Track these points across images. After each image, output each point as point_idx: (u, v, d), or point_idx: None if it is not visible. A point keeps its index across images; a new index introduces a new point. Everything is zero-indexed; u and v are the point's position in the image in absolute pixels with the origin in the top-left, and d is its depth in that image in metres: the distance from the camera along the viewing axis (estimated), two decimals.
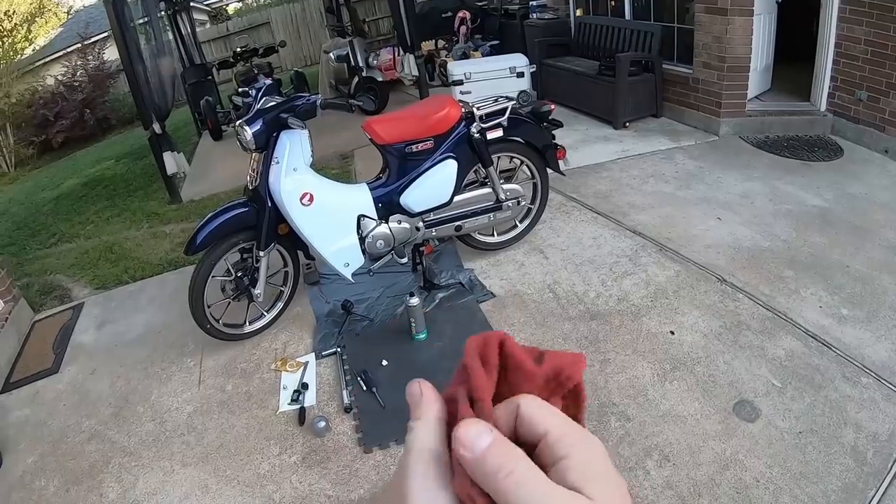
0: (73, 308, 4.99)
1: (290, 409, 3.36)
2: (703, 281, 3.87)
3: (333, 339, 3.82)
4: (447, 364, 3.47)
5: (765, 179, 5.12)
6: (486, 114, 3.92)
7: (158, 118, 6.51)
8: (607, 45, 7.31)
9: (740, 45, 5.84)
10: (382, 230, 3.81)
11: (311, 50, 16.48)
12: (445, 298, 4.05)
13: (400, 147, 3.81)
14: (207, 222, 3.57)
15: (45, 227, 7.22)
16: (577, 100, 7.27)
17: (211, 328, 3.79)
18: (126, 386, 3.88)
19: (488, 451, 0.35)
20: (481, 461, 0.35)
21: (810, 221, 4.39)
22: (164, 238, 5.98)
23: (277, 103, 3.55)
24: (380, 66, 9.21)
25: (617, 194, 5.16)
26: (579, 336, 3.53)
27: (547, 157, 4.24)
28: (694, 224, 4.55)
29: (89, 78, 13.61)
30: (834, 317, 3.42)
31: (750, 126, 6.13)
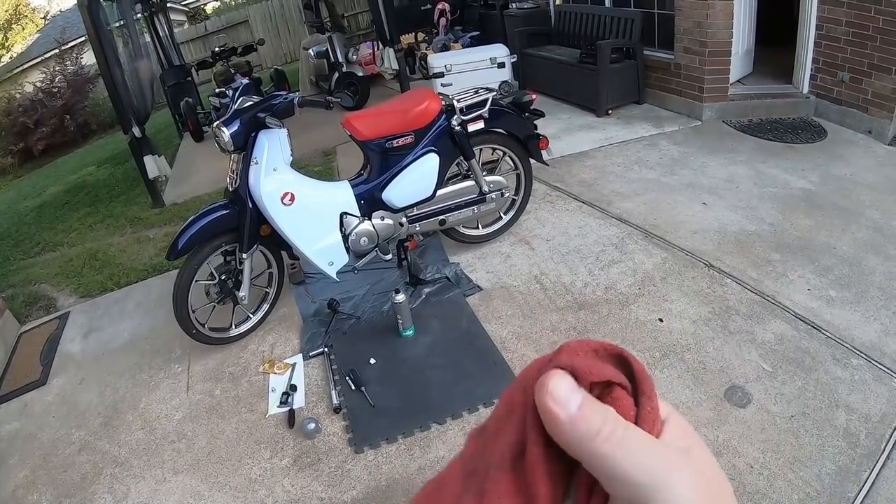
0: (58, 318, 4.95)
1: (279, 412, 3.32)
2: (691, 267, 3.86)
3: (320, 339, 3.79)
4: (436, 360, 3.46)
5: (749, 163, 5.11)
6: (467, 106, 3.89)
7: (138, 122, 6.46)
8: (588, 32, 7.29)
9: (721, 30, 5.83)
10: (366, 227, 3.78)
11: (290, 47, 16.42)
12: (432, 293, 4.03)
13: (380, 143, 3.78)
14: (188, 226, 3.53)
15: (28, 236, 7.17)
16: (560, 89, 7.25)
17: (197, 333, 3.76)
18: (114, 395, 3.84)
19: (581, 411, 0.33)
20: (575, 422, 0.33)
21: (796, 204, 4.38)
22: (148, 243, 5.94)
23: (254, 103, 3.52)
24: (360, 61, 9.17)
25: (601, 182, 5.14)
26: (567, 327, 3.51)
27: (529, 148, 4.22)
28: (679, 210, 4.53)
29: (68, 83, 13.52)
30: (822, 299, 3.41)
31: (733, 110, 6.12)
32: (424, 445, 2.94)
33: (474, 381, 3.23)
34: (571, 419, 0.33)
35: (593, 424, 0.33)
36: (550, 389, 0.34)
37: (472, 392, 3.16)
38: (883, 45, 4.96)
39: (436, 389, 3.24)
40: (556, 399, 0.34)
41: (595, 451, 0.32)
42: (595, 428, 0.33)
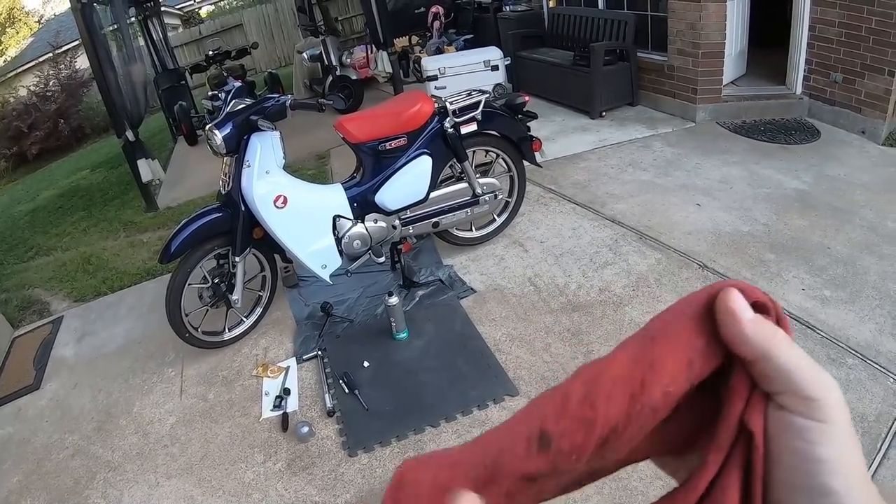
0: (52, 322, 4.93)
1: (272, 416, 3.31)
2: (685, 268, 3.86)
3: (314, 343, 3.78)
4: (429, 362, 3.45)
5: (743, 164, 5.12)
6: (460, 108, 3.89)
7: (131, 125, 6.44)
8: (581, 35, 7.29)
9: (714, 31, 5.84)
10: (359, 230, 3.77)
11: (284, 50, 16.38)
12: (425, 296, 4.02)
13: (373, 145, 3.78)
14: (181, 230, 3.52)
15: (22, 240, 7.15)
16: (553, 91, 7.25)
17: (190, 337, 3.75)
18: (108, 399, 3.83)
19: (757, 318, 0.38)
20: (758, 323, 0.37)
21: (790, 204, 4.39)
22: (142, 247, 5.92)
23: (247, 106, 3.51)
24: (353, 64, 9.17)
25: (595, 184, 5.14)
26: (562, 328, 3.51)
27: (523, 150, 4.22)
28: (673, 211, 4.54)
29: (62, 87, 13.48)
30: (817, 299, 3.41)
31: (726, 111, 6.13)
32: (418, 448, 2.93)
33: (468, 384, 3.23)
34: (754, 321, 0.37)
35: (770, 327, 0.38)
36: (734, 298, 0.38)
37: (465, 394, 3.16)
38: (875, 45, 4.97)
39: (429, 392, 3.24)
40: (739, 306, 0.38)
41: (773, 347, 0.37)
42: (771, 329, 0.37)
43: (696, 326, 0.39)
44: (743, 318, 0.37)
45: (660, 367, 0.38)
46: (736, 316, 0.37)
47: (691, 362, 0.38)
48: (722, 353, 0.39)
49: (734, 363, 0.39)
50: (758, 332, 0.37)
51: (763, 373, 0.37)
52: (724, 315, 0.38)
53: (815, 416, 0.35)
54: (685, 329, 0.39)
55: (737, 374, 0.38)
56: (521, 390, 3.13)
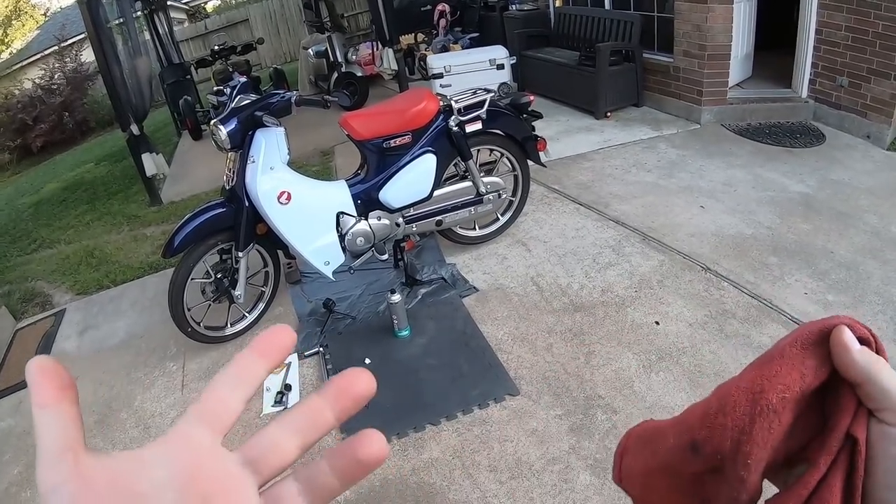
0: (54, 315, 4.94)
1: (273, 411, 3.31)
2: (688, 270, 3.85)
3: (316, 339, 3.78)
4: (431, 360, 3.45)
5: (747, 167, 5.11)
6: (465, 106, 3.89)
7: (136, 119, 6.45)
8: (587, 35, 7.28)
9: (720, 33, 5.83)
10: (362, 227, 3.77)
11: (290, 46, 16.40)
12: (428, 294, 4.02)
13: (377, 142, 3.78)
14: (184, 224, 3.52)
15: (25, 233, 7.15)
16: (558, 91, 7.24)
17: (192, 331, 3.75)
18: (109, 392, 3.83)
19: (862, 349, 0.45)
20: (864, 353, 0.45)
21: (794, 208, 4.38)
22: (145, 241, 5.92)
23: (252, 101, 3.51)
24: (359, 60, 9.16)
25: (599, 184, 5.13)
26: (563, 329, 3.51)
27: (527, 149, 4.22)
28: (677, 213, 4.53)
29: (67, 80, 13.47)
30: (819, 303, 3.40)
31: (731, 114, 6.12)
32: (419, 446, 2.93)
33: (469, 382, 3.23)
34: (861, 351, 0.45)
35: (872, 356, 0.45)
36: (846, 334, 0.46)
37: (466, 393, 3.16)
38: (882, 50, 4.96)
39: (430, 390, 3.24)
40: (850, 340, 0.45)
41: (876, 373, 0.44)
42: (874, 357, 0.45)
43: (809, 351, 0.47)
44: (853, 349, 0.45)
45: (776, 378, 0.47)
46: (847, 347, 0.45)
47: (803, 375, 0.46)
48: (828, 371, 0.46)
49: (843, 385, 0.46)
50: (864, 360, 0.44)
51: (868, 393, 0.45)
52: (837, 346, 0.46)
53: None
54: (800, 353, 0.47)
55: (845, 394, 0.46)
56: (522, 390, 3.13)
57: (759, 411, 0.46)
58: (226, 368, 0.38)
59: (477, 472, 2.75)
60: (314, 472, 0.38)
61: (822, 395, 0.47)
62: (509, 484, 2.67)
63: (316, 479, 0.38)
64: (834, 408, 0.47)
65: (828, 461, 0.45)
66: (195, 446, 0.36)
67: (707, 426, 0.49)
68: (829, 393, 0.47)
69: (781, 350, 0.48)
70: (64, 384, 0.35)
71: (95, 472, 0.33)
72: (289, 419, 0.39)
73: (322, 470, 0.38)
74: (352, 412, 0.38)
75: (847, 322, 0.47)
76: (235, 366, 0.38)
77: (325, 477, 0.38)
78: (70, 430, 0.34)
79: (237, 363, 0.38)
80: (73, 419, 0.34)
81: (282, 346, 0.39)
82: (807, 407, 0.47)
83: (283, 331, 0.40)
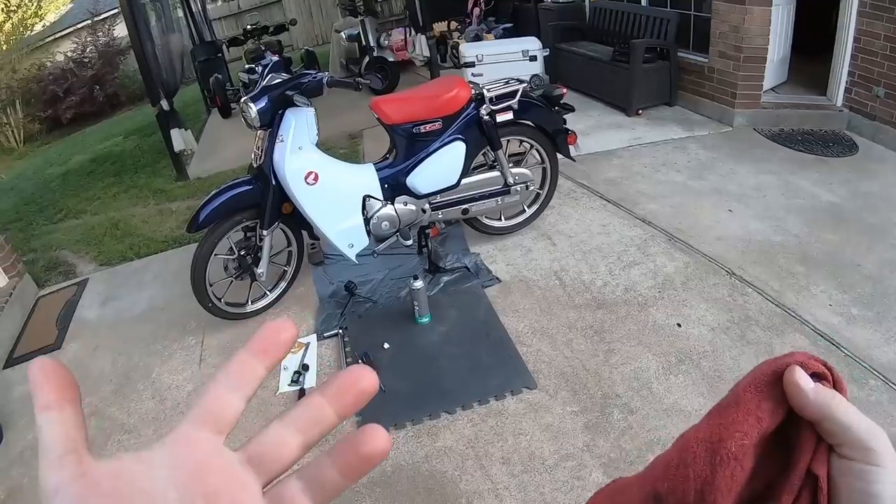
0: (77, 284, 4.98)
1: (290, 391, 3.32)
2: (713, 273, 3.81)
3: (336, 321, 3.78)
4: (450, 349, 3.45)
5: (778, 173, 5.03)
6: (497, 96, 3.85)
7: (167, 95, 6.47)
8: (622, 30, 7.21)
9: (757, 36, 5.74)
10: (388, 211, 3.76)
11: (322, 29, 16.33)
12: (450, 282, 4.01)
13: (407, 127, 3.76)
14: (210, 200, 3.53)
15: (52, 202, 7.21)
16: (590, 85, 7.18)
17: (213, 307, 3.76)
18: (128, 363, 3.86)
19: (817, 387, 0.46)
20: (818, 391, 0.45)
21: (823, 218, 4.31)
22: (170, 215, 5.95)
23: (283, 80, 3.50)
24: (391, 46, 9.12)
25: (628, 182, 5.09)
26: (585, 325, 3.49)
27: (557, 142, 4.18)
28: (705, 215, 4.48)
29: (99, 55, 13.50)
30: (843, 316, 3.35)
31: (764, 118, 6.03)
32: (433, 434, 2.93)
33: (487, 373, 3.21)
34: (815, 390, 0.46)
35: (828, 394, 0.46)
36: (798, 374, 0.46)
37: (484, 384, 3.14)
38: None
39: (448, 378, 3.23)
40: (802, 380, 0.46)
41: (832, 409, 0.45)
42: (830, 395, 0.45)
43: (764, 394, 0.47)
44: (806, 389, 0.46)
45: (734, 426, 0.47)
46: (800, 387, 0.46)
47: (760, 419, 0.47)
48: (784, 411, 0.47)
49: (801, 422, 0.47)
50: (818, 398, 0.45)
51: (826, 430, 0.45)
52: (790, 387, 0.46)
53: (870, 461, 0.43)
54: (755, 397, 0.48)
55: (804, 431, 0.47)
56: (539, 384, 3.11)
57: (719, 461, 0.47)
58: (224, 368, 0.39)
59: (490, 463, 2.75)
60: (317, 469, 0.38)
61: (785, 432, 0.48)
62: (521, 477, 2.66)
63: (319, 477, 0.38)
64: (795, 445, 0.48)
65: (790, 499, 0.46)
66: (198, 447, 0.36)
67: (669, 478, 0.49)
68: (790, 430, 0.48)
69: (737, 396, 0.49)
70: (66, 386, 0.35)
71: (99, 472, 0.34)
72: (291, 417, 0.39)
73: (325, 467, 0.38)
74: (354, 410, 0.39)
75: (800, 360, 0.48)
76: (234, 366, 0.39)
77: (328, 474, 0.38)
78: (73, 432, 0.35)
79: (235, 363, 0.39)
80: (76, 421, 0.35)
81: (281, 342, 0.40)
82: (769, 446, 0.48)
83: (281, 327, 0.40)
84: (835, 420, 0.45)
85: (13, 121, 12.02)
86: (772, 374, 0.48)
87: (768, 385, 0.48)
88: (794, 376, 0.46)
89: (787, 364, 0.48)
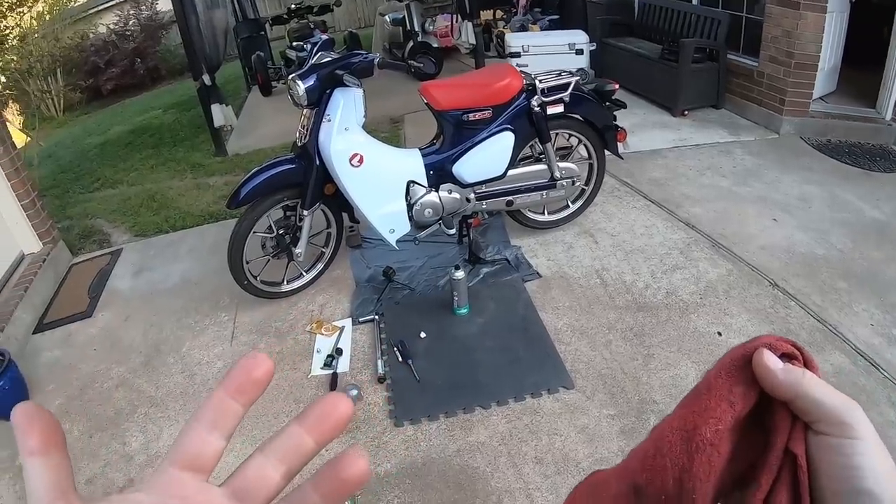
0: (111, 253, 4.99)
1: (322, 374, 3.29)
2: (755, 283, 3.71)
3: (372, 306, 3.74)
4: (487, 342, 3.39)
5: (823, 184, 4.89)
6: (549, 87, 3.77)
7: (209, 70, 6.46)
8: (671, 28, 7.09)
9: (810, 43, 5.60)
10: (432, 198, 3.70)
11: (365, 12, 16.28)
12: (490, 274, 3.95)
13: (457, 114, 3.69)
14: (252, 177, 3.50)
15: (89, 171, 7.24)
16: (636, 83, 7.07)
17: (248, 284, 3.73)
18: (158, 335, 3.85)
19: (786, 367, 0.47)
20: (788, 370, 0.46)
21: (867, 234, 4.18)
22: (207, 190, 5.94)
23: (333, 59, 3.45)
24: (435, 32, 9.06)
25: (672, 183, 4.99)
26: (624, 327, 3.41)
27: (606, 139, 4.09)
28: (749, 223, 4.38)
29: (141, 28, 13.61)
30: (885, 336, 3.24)
31: (812, 127, 5.90)
32: (466, 427, 2.88)
33: (524, 369, 3.16)
34: (784, 370, 0.46)
35: (798, 372, 0.46)
36: (766, 356, 0.47)
37: (521, 380, 3.09)
38: None
39: (484, 372, 3.17)
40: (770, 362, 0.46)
41: (803, 386, 0.45)
42: (800, 373, 0.46)
43: (735, 378, 0.48)
44: (775, 370, 0.46)
45: (707, 412, 0.47)
46: (769, 368, 0.46)
47: (732, 403, 0.47)
48: (756, 393, 0.48)
49: (776, 402, 0.47)
50: (788, 378, 0.46)
51: (800, 408, 0.46)
52: (759, 370, 0.47)
53: (847, 435, 0.44)
54: (726, 381, 0.48)
55: (779, 412, 0.47)
56: (577, 384, 3.05)
57: (695, 448, 0.47)
58: (203, 406, 0.38)
59: (523, 462, 2.69)
60: (301, 497, 0.38)
61: (761, 414, 0.48)
62: (554, 479, 2.61)
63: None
64: (770, 426, 0.48)
65: (769, 479, 0.46)
66: (184, 486, 0.37)
67: (647, 469, 0.50)
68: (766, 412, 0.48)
69: (708, 383, 0.50)
70: (51, 431, 0.35)
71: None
72: (272, 448, 0.39)
73: (308, 494, 0.38)
74: (332, 437, 0.40)
75: (768, 342, 0.48)
76: (211, 404, 0.39)
77: (311, 500, 0.38)
78: (60, 477, 0.35)
79: (213, 401, 0.39)
80: (63, 466, 0.35)
81: (254, 380, 0.39)
82: (747, 428, 0.48)
83: (254, 364, 0.39)
84: (807, 397, 0.45)
85: (54, 89, 12.09)
86: (741, 357, 0.49)
87: (738, 369, 0.48)
88: (763, 358, 0.47)
89: (756, 347, 0.48)
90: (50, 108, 12.19)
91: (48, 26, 12.64)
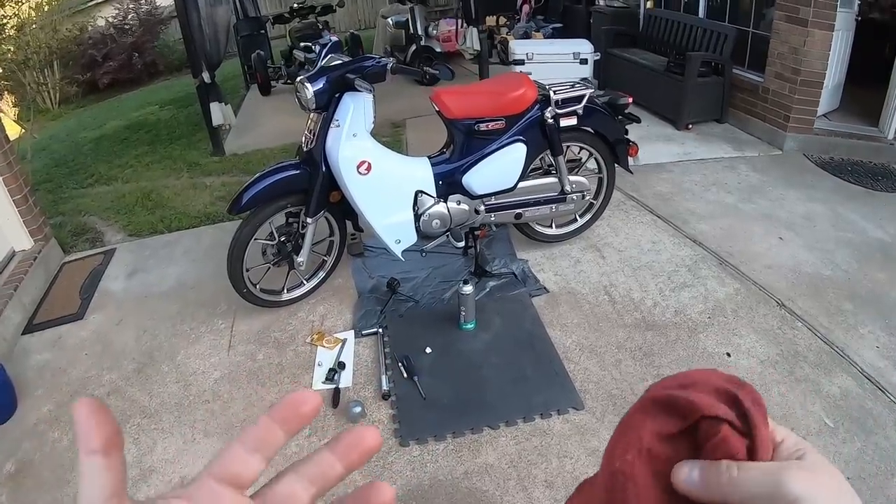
0: (104, 253, 4.88)
1: (323, 389, 3.18)
2: (763, 303, 3.66)
3: (375, 318, 3.65)
4: (494, 358, 3.31)
5: (828, 203, 4.85)
6: (563, 99, 3.69)
7: (209, 67, 6.36)
8: (677, 41, 7.05)
9: (817, 60, 5.57)
10: (440, 209, 3.61)
11: (366, 14, 16.20)
12: (496, 288, 3.86)
13: (469, 123, 3.60)
14: (255, 182, 3.40)
15: (83, 166, 7.10)
16: (640, 94, 6.92)
17: (247, 293, 3.63)
18: (152, 341, 3.75)
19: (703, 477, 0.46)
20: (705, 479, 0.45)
21: (871, 254, 4.14)
22: (204, 190, 5.84)
23: (344, 62, 3.36)
24: (439, 36, 9.02)
25: (678, 199, 4.94)
26: (634, 346, 3.34)
27: (618, 153, 4.02)
28: (755, 241, 4.33)
29: (140, 22, 13.54)
30: (890, 360, 3.19)
31: (815, 144, 5.87)
32: (474, 449, 2.79)
33: (532, 388, 3.07)
34: (702, 481, 0.45)
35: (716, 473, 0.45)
36: (680, 475, 0.47)
37: (529, 399, 3.00)
38: None
39: (492, 390, 3.09)
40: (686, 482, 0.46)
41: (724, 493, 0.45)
42: (716, 480, 0.45)
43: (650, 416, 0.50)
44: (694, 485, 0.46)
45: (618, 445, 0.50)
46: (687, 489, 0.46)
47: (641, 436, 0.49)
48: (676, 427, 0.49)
49: None
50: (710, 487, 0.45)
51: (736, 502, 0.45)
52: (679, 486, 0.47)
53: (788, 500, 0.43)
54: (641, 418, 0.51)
55: None
56: (587, 405, 2.97)
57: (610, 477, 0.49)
58: (248, 429, 0.40)
59: (532, 485, 2.61)
60: None
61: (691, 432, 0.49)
62: None
63: None
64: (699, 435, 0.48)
65: None
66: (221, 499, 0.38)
67: None
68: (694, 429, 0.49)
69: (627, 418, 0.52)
70: (112, 431, 0.36)
71: None
72: (304, 470, 0.41)
73: None
74: (359, 465, 0.42)
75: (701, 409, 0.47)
76: (258, 429, 0.40)
77: None
78: (117, 480, 0.35)
79: (259, 426, 0.40)
80: (119, 468, 0.36)
81: (301, 414, 0.41)
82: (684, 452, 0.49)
83: (304, 399, 0.41)
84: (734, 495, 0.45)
85: (50, 81, 12.00)
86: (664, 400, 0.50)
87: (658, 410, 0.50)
88: (678, 480, 0.47)
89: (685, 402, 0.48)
90: (45, 100, 12.09)
91: (46, 17, 12.50)
